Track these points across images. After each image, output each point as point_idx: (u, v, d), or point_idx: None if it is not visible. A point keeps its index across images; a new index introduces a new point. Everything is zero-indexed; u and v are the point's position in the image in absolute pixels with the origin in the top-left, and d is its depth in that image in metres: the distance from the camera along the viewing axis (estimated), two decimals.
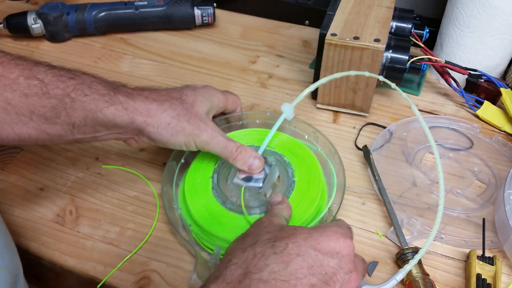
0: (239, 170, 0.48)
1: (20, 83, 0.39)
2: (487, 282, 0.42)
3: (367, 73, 0.49)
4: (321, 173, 0.49)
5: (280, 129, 0.51)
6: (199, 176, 0.48)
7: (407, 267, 0.39)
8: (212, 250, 0.43)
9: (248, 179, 0.47)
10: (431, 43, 0.69)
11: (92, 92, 0.40)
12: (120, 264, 0.45)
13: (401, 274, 0.39)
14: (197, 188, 0.47)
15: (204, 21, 0.77)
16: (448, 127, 0.60)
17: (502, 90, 0.60)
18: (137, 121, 0.42)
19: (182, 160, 0.50)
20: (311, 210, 0.45)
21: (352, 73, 0.50)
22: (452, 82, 0.62)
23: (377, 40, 0.54)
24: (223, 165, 0.49)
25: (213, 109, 0.49)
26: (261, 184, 0.47)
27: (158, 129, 0.43)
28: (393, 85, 0.48)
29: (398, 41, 0.58)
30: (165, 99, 0.44)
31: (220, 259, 0.42)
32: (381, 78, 0.49)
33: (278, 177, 0.48)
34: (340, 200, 0.47)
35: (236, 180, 0.47)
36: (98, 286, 0.43)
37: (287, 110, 0.51)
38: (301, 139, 0.53)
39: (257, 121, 0.55)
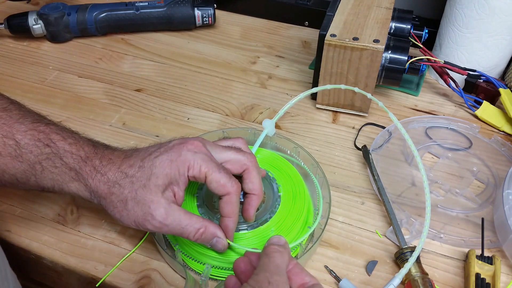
0: None
1: None
2: (486, 281, 0.43)
3: (356, 89, 0.50)
4: (305, 187, 0.49)
5: (262, 145, 0.51)
6: (184, 194, 0.46)
7: (403, 271, 0.40)
8: (201, 270, 0.43)
9: None
10: (430, 44, 0.69)
11: (62, 165, 0.40)
12: (119, 262, 0.45)
13: (397, 279, 0.40)
14: (182, 206, 0.45)
15: (205, 22, 0.77)
16: (447, 127, 0.60)
17: (501, 90, 0.60)
18: (95, 200, 0.41)
19: None
20: (299, 224, 0.45)
21: (343, 87, 0.50)
22: (451, 82, 0.63)
23: (376, 41, 0.54)
24: None
25: (180, 179, 0.40)
26: None
27: (111, 210, 0.40)
28: (369, 95, 0.49)
29: (397, 41, 0.59)
30: (125, 175, 0.40)
31: (209, 277, 0.42)
32: (370, 96, 0.49)
33: (264, 192, 0.47)
34: (327, 213, 0.47)
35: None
36: (97, 285, 0.44)
37: (268, 126, 0.51)
38: (283, 155, 0.53)
39: None
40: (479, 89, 0.63)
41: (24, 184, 0.41)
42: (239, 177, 0.43)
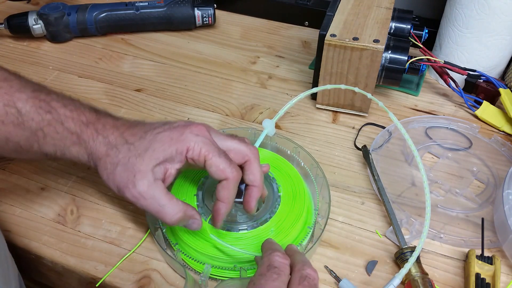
0: None
1: None
2: (486, 281, 0.43)
3: (356, 89, 0.49)
4: (305, 187, 0.49)
5: (262, 145, 0.51)
6: (184, 194, 0.47)
7: (403, 271, 0.40)
8: (201, 269, 0.43)
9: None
10: (430, 44, 0.69)
11: (63, 130, 0.41)
12: (119, 262, 0.45)
13: (397, 279, 0.40)
14: None
15: (205, 22, 0.77)
16: (447, 127, 0.60)
17: (501, 90, 0.60)
18: (91, 163, 0.42)
19: None
20: (299, 224, 0.45)
21: (343, 87, 0.50)
22: (451, 82, 0.63)
23: (376, 41, 0.54)
24: (208, 182, 0.48)
25: (176, 157, 0.40)
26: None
27: (101, 171, 0.41)
28: (369, 95, 0.49)
29: (397, 41, 0.59)
30: (125, 141, 0.41)
31: (209, 277, 0.42)
32: (370, 96, 0.49)
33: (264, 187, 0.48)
34: (327, 213, 0.47)
35: None
36: (97, 285, 0.44)
37: (268, 126, 0.51)
38: (283, 155, 0.53)
39: None
40: (479, 89, 0.63)
41: (28, 152, 0.42)
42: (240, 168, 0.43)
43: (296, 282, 0.33)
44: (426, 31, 0.64)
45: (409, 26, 0.62)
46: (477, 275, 0.43)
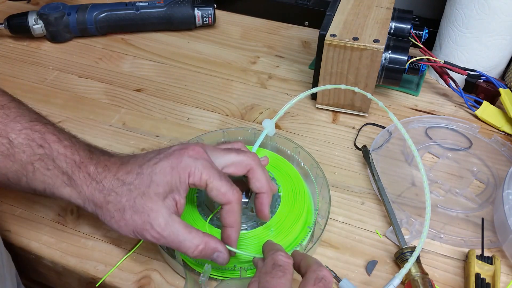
0: None
1: None
2: (486, 281, 0.43)
3: (356, 89, 0.49)
4: (305, 187, 0.49)
5: (262, 145, 0.51)
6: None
7: (403, 271, 0.40)
8: (201, 270, 0.43)
9: None
10: (430, 44, 0.69)
11: (54, 167, 0.39)
12: (119, 262, 0.45)
13: (397, 279, 0.40)
14: None
15: (205, 22, 0.77)
16: (447, 127, 0.60)
17: (501, 90, 0.60)
18: (88, 208, 0.40)
19: None
20: (299, 224, 0.45)
21: (343, 87, 0.50)
22: (451, 82, 0.63)
23: (376, 41, 0.54)
24: None
25: (181, 187, 0.39)
26: (247, 199, 0.46)
27: (107, 220, 0.39)
28: (369, 95, 0.48)
29: (397, 41, 0.59)
30: (122, 183, 0.39)
31: (209, 278, 0.42)
32: (370, 96, 0.49)
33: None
34: (327, 213, 0.47)
35: None
36: (97, 285, 0.44)
37: (268, 126, 0.51)
38: (283, 155, 0.53)
39: (239, 138, 0.55)
40: (479, 89, 0.63)
41: (16, 185, 0.40)
42: (244, 178, 0.43)
43: (312, 282, 0.33)
44: (426, 31, 0.64)
45: (409, 26, 0.62)
46: (477, 275, 0.43)
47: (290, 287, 0.33)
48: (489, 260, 0.44)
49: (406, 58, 0.58)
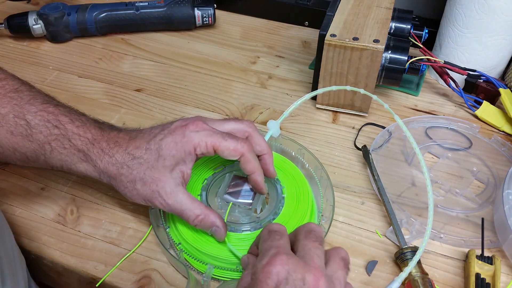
0: (229, 186, 0.47)
1: (9, 120, 0.41)
2: (486, 281, 0.43)
3: (362, 91, 0.49)
4: (309, 188, 0.49)
5: None
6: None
7: (403, 275, 0.39)
8: (203, 270, 0.43)
9: (238, 195, 0.47)
10: (430, 44, 0.69)
11: (70, 146, 0.42)
12: (119, 262, 0.45)
13: (397, 283, 0.40)
14: None
15: (205, 22, 0.77)
16: (447, 127, 0.60)
17: (501, 90, 0.60)
18: (104, 180, 0.44)
19: None
20: None
21: (348, 88, 0.50)
22: (451, 82, 0.63)
23: (376, 41, 0.54)
24: (212, 182, 0.48)
25: (186, 158, 0.42)
26: (251, 200, 0.46)
27: (121, 190, 0.43)
28: (374, 97, 0.49)
29: (397, 41, 0.59)
30: (133, 157, 0.42)
31: (212, 278, 0.42)
32: (375, 97, 0.49)
33: (268, 194, 0.48)
34: (331, 215, 0.47)
35: (225, 196, 0.46)
36: (97, 285, 0.44)
37: (273, 127, 0.51)
38: (288, 156, 0.53)
39: None
40: (479, 89, 0.63)
41: (34, 162, 0.43)
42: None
43: (303, 236, 0.34)
44: (426, 31, 0.64)
45: (409, 26, 0.62)
46: (477, 275, 0.43)
47: (289, 247, 0.34)
48: (489, 260, 0.44)
49: (406, 58, 0.58)
